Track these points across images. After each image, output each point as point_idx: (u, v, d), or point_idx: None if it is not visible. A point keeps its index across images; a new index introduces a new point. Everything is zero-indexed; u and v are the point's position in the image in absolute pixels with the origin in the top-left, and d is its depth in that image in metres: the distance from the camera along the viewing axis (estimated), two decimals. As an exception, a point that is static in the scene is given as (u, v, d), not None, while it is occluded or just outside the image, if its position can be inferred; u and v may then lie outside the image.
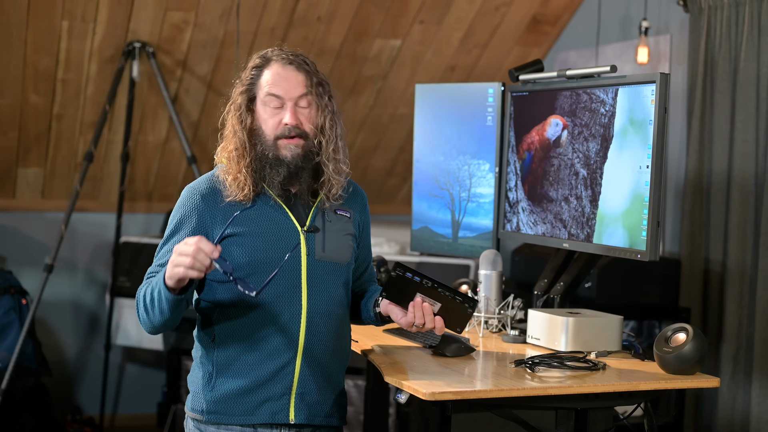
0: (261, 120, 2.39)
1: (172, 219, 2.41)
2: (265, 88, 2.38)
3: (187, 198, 2.40)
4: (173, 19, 4.60)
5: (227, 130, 2.42)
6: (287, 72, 2.39)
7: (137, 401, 5.45)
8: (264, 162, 2.37)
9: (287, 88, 2.37)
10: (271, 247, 2.36)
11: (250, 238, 2.35)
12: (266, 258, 2.35)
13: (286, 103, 2.37)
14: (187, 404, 2.44)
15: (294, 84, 2.38)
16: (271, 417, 2.36)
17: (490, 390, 2.27)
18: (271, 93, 2.37)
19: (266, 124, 2.38)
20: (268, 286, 2.28)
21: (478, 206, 3.35)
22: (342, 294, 2.45)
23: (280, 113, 2.37)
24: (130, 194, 5.32)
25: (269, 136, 2.38)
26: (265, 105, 2.38)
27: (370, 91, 5.21)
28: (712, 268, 4.11)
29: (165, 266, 2.24)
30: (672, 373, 2.47)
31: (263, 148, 2.38)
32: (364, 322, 2.59)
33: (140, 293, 2.32)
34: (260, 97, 2.39)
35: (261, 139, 2.38)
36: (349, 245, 2.48)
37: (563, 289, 2.94)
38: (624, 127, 2.74)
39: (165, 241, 2.40)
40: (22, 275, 4.98)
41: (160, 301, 2.25)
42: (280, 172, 2.37)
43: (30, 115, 4.85)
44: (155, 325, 2.31)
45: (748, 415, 3.92)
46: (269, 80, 2.38)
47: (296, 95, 2.38)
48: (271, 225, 2.38)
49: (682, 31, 4.36)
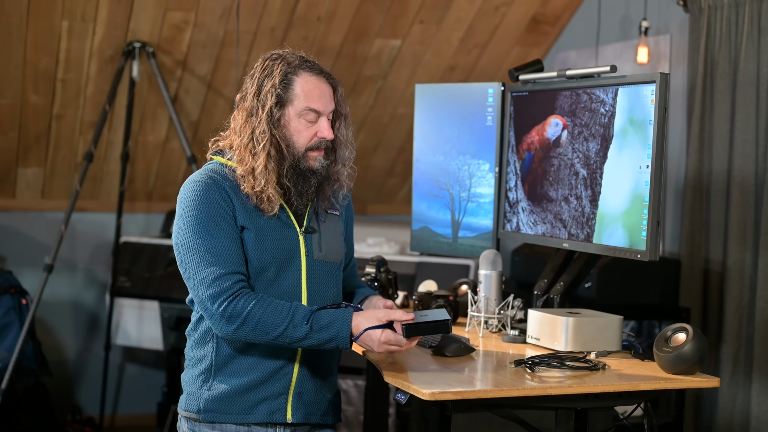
0: (293, 130, 2.37)
1: (198, 211, 2.31)
2: (302, 101, 2.36)
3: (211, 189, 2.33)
4: (173, 19, 4.60)
5: (256, 139, 2.34)
6: (322, 84, 2.39)
7: (137, 401, 5.45)
8: (295, 172, 2.37)
9: (325, 102, 2.38)
10: (276, 247, 2.37)
11: (259, 236, 2.35)
12: (272, 258, 2.36)
13: (322, 117, 2.38)
14: (181, 404, 2.44)
15: (328, 98, 2.39)
16: (268, 416, 2.37)
17: (490, 390, 2.27)
18: (311, 108, 2.36)
19: (300, 135, 2.37)
20: (270, 287, 2.33)
21: (478, 206, 3.35)
22: (337, 293, 2.48)
23: (315, 126, 2.38)
24: (130, 194, 5.32)
25: (300, 147, 2.37)
26: (300, 117, 2.37)
27: (370, 91, 5.22)
28: (712, 268, 4.11)
29: (239, 264, 2.29)
30: (672, 373, 2.47)
31: (293, 159, 2.37)
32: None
33: (274, 330, 2.28)
34: (296, 109, 2.36)
35: (291, 149, 2.37)
36: (342, 245, 2.51)
37: (563, 289, 2.94)
38: (624, 127, 2.74)
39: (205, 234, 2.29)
40: (22, 275, 4.98)
41: (323, 340, 2.28)
42: (312, 184, 2.39)
43: (30, 115, 4.85)
44: (281, 342, 2.29)
45: (748, 415, 3.92)
46: (308, 93, 2.36)
47: (330, 110, 2.40)
48: (275, 225, 2.39)
49: (682, 31, 4.36)
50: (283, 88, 2.36)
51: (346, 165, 2.47)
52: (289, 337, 2.26)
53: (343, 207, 2.54)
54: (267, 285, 2.35)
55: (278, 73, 2.36)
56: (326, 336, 2.27)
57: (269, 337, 2.27)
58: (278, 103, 2.36)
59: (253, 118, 2.36)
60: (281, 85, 2.36)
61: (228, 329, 2.27)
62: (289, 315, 2.26)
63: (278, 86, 2.35)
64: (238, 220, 2.34)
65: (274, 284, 2.35)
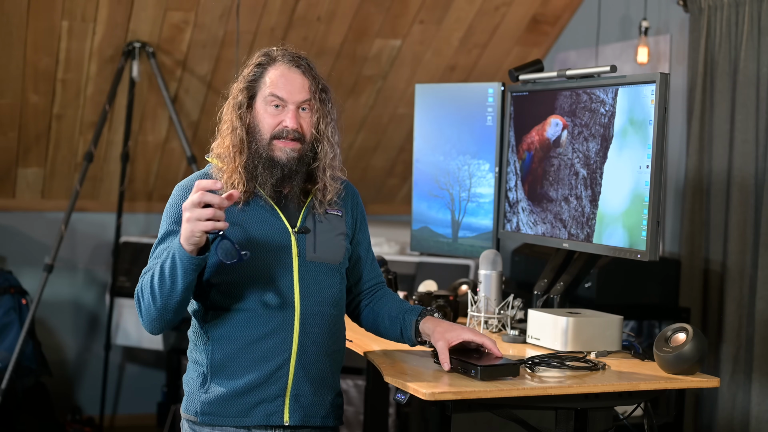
0: (259, 118, 2.38)
1: (166, 217, 2.39)
2: (268, 88, 2.37)
3: (180, 196, 2.38)
4: (173, 19, 4.60)
5: (224, 125, 2.40)
6: (292, 74, 2.38)
7: (137, 401, 5.45)
8: (257, 161, 2.36)
9: (291, 90, 2.37)
10: (264, 249, 2.36)
11: (244, 240, 2.34)
12: (260, 261, 2.35)
13: (288, 105, 2.37)
14: (182, 405, 2.44)
15: (298, 87, 2.37)
16: (265, 419, 2.36)
17: (490, 390, 2.27)
18: (274, 94, 2.36)
19: (264, 123, 2.37)
20: (260, 289, 2.32)
21: (478, 206, 3.35)
22: (335, 294, 2.45)
23: (281, 115, 2.37)
24: (130, 194, 5.32)
25: (265, 135, 2.36)
26: (266, 104, 2.37)
27: (370, 91, 5.22)
28: (712, 268, 4.11)
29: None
30: (672, 373, 2.47)
31: (257, 147, 2.37)
32: (390, 337, 2.57)
33: (141, 284, 2.29)
34: (261, 96, 2.38)
35: (256, 137, 2.37)
36: (342, 245, 2.47)
37: (563, 289, 2.94)
38: (624, 127, 2.74)
39: (161, 239, 2.37)
40: (22, 275, 4.98)
41: (173, 276, 2.21)
42: (274, 174, 2.36)
43: (30, 115, 4.86)
44: (162, 309, 2.25)
45: (748, 415, 3.92)
46: (273, 80, 2.37)
47: (299, 99, 2.37)
48: (262, 225, 2.37)
49: (682, 31, 4.36)
50: (256, 76, 2.39)
51: (331, 168, 2.42)
52: (156, 291, 2.24)
53: (348, 206, 2.52)
54: (256, 286, 2.34)
55: (254, 63, 2.40)
56: (164, 257, 2.25)
57: (150, 303, 2.26)
58: (248, 89, 2.38)
59: (227, 105, 2.41)
60: (253, 74, 2.39)
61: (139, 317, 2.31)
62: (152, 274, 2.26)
63: (250, 74, 2.39)
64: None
65: (265, 285, 2.34)
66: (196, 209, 2.15)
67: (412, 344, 2.52)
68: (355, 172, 5.48)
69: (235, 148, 2.37)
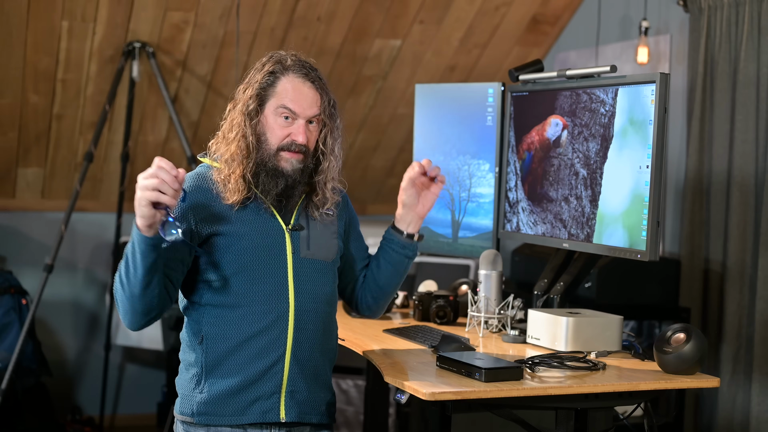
0: (267, 127, 2.38)
1: None
2: (280, 99, 2.37)
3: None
4: (173, 19, 4.60)
5: (232, 131, 2.39)
6: (305, 88, 2.39)
7: (137, 401, 5.45)
8: (261, 169, 2.37)
9: (303, 105, 2.38)
10: (258, 246, 2.37)
11: (236, 239, 2.35)
12: (253, 258, 2.36)
13: (299, 119, 2.38)
14: (176, 407, 2.43)
15: (310, 103, 2.39)
16: (261, 416, 2.36)
17: (490, 390, 2.27)
18: (285, 106, 2.37)
19: (273, 134, 2.37)
20: (254, 285, 2.33)
21: (478, 206, 3.35)
22: (329, 292, 2.46)
23: (290, 128, 2.38)
24: (130, 194, 5.31)
25: (272, 145, 2.37)
26: (276, 115, 2.38)
27: (370, 91, 5.22)
28: (712, 268, 4.11)
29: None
30: (672, 373, 2.47)
31: (263, 155, 2.37)
32: (389, 273, 2.58)
33: (115, 278, 2.29)
34: (272, 106, 2.38)
35: (263, 145, 2.38)
36: (335, 243, 2.49)
37: (563, 289, 2.94)
38: (624, 127, 2.74)
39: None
40: (22, 275, 4.98)
41: (134, 260, 2.21)
42: (279, 184, 2.37)
43: (30, 115, 4.86)
44: (131, 297, 2.24)
45: (748, 415, 3.92)
46: (286, 92, 2.37)
47: (310, 114, 2.39)
48: (256, 224, 2.38)
49: (682, 31, 4.36)
50: (267, 84, 2.38)
51: (332, 179, 2.45)
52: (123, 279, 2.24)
53: (339, 206, 2.53)
54: (250, 283, 2.35)
55: (266, 70, 2.40)
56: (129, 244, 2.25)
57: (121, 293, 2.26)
58: (259, 97, 2.38)
59: (235, 109, 2.40)
60: (265, 81, 2.38)
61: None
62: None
63: (262, 81, 2.38)
64: (204, 225, 2.34)
65: (259, 282, 2.35)
66: (145, 179, 2.15)
67: (401, 246, 2.55)
68: (355, 172, 5.48)
69: (242, 154, 2.37)
